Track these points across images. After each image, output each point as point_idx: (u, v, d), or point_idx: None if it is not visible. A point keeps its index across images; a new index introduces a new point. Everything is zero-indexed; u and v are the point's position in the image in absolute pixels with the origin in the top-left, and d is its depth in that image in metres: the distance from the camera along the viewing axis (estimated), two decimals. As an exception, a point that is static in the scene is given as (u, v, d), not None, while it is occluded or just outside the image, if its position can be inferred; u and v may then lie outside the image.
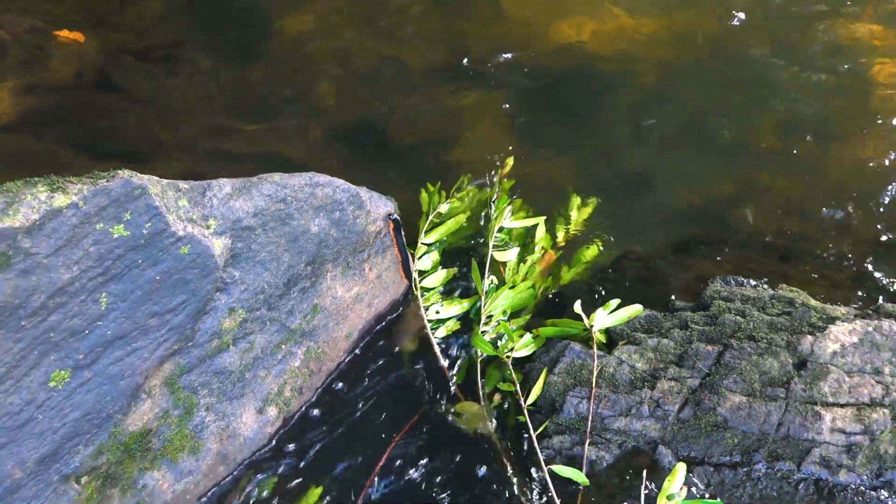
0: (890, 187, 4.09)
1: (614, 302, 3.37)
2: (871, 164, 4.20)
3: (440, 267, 3.73)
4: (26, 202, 2.54)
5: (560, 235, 3.93)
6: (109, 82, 4.68)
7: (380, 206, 3.45)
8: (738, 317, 3.37)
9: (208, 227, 2.94)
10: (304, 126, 4.49)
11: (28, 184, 2.60)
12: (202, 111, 4.57)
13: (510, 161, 4.12)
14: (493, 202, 3.90)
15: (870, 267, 3.79)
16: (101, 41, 4.91)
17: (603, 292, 3.71)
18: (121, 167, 2.81)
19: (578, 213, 3.99)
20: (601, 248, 3.89)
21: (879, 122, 4.40)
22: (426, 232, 3.74)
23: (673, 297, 3.67)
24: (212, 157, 4.30)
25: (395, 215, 3.43)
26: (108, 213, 2.68)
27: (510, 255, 3.72)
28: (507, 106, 4.54)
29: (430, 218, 3.77)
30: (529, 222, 3.82)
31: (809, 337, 3.25)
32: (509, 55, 4.79)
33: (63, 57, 4.78)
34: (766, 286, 3.60)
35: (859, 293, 3.68)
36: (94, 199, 2.65)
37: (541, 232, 3.84)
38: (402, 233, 3.53)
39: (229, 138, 4.41)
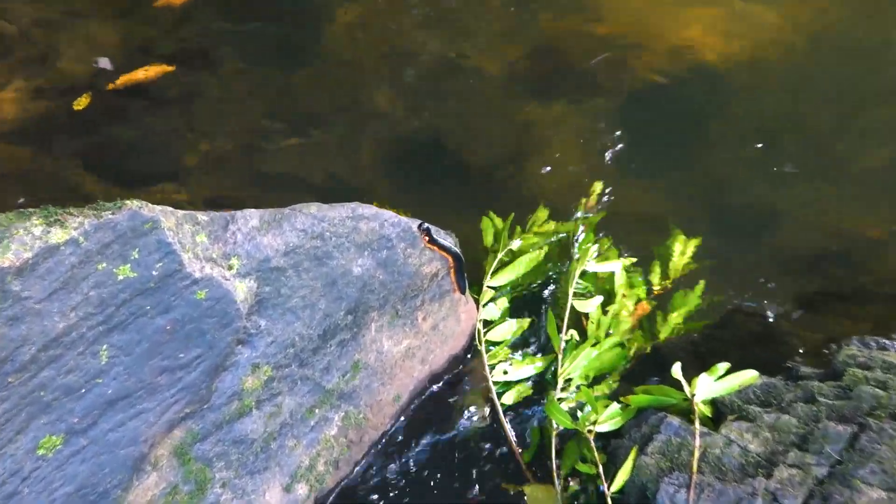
0: None
1: (723, 366, 3.29)
2: None
3: (509, 316, 3.70)
4: (18, 238, 2.58)
5: (656, 282, 3.84)
6: (132, 85, 4.75)
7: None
8: (878, 389, 3.25)
9: (230, 268, 2.95)
10: (352, 140, 4.52)
11: (21, 216, 2.65)
12: (237, 121, 4.64)
13: (597, 187, 4.07)
14: (576, 240, 3.84)
15: None
16: (123, 35, 5.01)
17: (709, 353, 3.61)
18: (135, 188, 2.86)
19: (680, 254, 3.90)
20: (703, 296, 3.78)
21: None
22: (493, 273, 3.71)
23: (796, 361, 3.55)
24: (244, 176, 4.36)
25: (426, 224, 3.37)
26: (112, 251, 2.71)
27: (593, 305, 3.67)
28: (598, 121, 4.49)
29: (499, 256, 3.73)
30: (617, 266, 3.78)
31: (970, 419, 3.12)
32: (604, 58, 4.75)
33: (77, 55, 4.89)
34: (916, 352, 3.47)
35: None
36: (97, 235, 2.69)
37: (622, 278, 3.79)
38: (451, 243, 3.47)
39: (266, 153, 4.47)
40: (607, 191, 4.14)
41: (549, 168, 4.30)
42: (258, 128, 4.58)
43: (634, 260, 3.82)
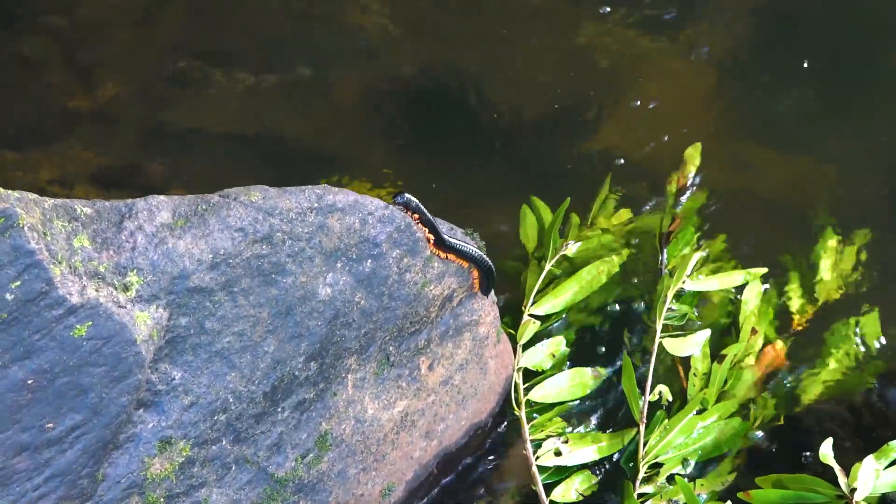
0: None
1: (899, 445, 3.21)
2: None
3: (568, 364, 3.60)
4: None
5: (796, 306, 3.73)
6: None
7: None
8: None
9: (127, 289, 2.83)
10: (322, 80, 4.45)
11: None
12: (145, 49, 4.58)
13: (693, 155, 4.00)
14: (665, 240, 3.74)
15: None
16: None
17: (878, 424, 3.52)
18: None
19: (836, 260, 3.80)
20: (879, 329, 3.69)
21: None
22: (538, 293, 3.61)
23: None
24: (154, 138, 4.32)
25: (406, 195, 3.17)
26: (-63, 265, 2.59)
27: (695, 346, 3.56)
28: (714, 48, 4.40)
29: (548, 266, 3.63)
30: (732, 281, 3.69)
31: None
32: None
33: None
34: None
35: None
36: None
37: (754, 297, 3.69)
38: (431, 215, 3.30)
39: (184, 104, 4.42)
40: (723, 157, 4.06)
41: (628, 123, 4.27)
42: (179, 60, 4.51)
43: (764, 271, 3.72)
